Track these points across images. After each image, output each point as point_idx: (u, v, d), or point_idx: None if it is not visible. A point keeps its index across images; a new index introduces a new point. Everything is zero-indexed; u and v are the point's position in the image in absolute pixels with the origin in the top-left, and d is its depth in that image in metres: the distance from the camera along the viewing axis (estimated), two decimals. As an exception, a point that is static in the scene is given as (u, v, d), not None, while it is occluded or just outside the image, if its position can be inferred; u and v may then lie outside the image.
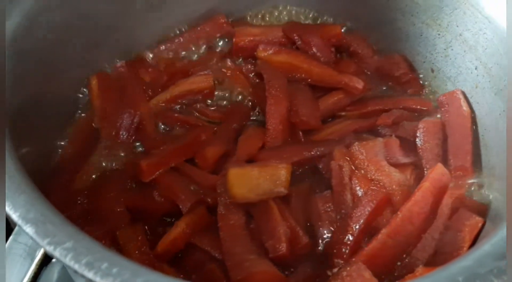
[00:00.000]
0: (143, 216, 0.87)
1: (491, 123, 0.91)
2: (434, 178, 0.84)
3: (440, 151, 0.95)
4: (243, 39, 1.13)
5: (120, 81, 1.07)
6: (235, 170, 0.85)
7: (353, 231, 0.83)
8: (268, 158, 0.94)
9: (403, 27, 1.08)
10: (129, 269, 0.53)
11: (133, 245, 0.78)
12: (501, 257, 0.55)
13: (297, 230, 0.84)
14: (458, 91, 0.98)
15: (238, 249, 0.79)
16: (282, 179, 0.88)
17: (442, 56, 1.03)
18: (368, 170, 0.89)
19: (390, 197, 0.86)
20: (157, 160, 0.88)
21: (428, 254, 0.81)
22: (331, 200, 0.90)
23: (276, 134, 0.99)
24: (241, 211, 0.85)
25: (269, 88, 1.01)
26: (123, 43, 1.11)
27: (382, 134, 1.00)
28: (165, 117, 1.03)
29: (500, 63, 0.87)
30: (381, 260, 0.80)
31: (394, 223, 0.81)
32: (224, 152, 0.95)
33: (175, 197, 0.85)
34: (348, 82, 1.04)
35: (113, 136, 0.98)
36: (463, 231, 0.81)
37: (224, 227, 0.82)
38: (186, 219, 0.83)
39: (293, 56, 1.09)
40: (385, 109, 1.03)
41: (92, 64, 1.06)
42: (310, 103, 1.04)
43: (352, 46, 1.16)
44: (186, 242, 0.83)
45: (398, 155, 0.93)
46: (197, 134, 0.96)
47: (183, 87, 1.06)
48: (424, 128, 0.96)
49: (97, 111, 1.01)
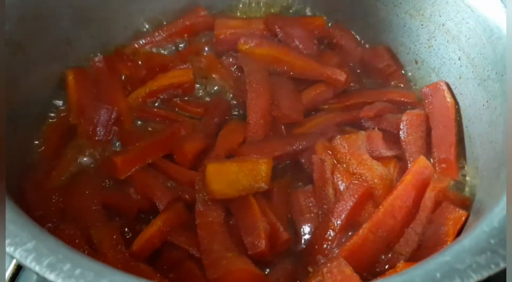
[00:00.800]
0: (119, 213, 0.85)
1: (474, 114, 0.89)
2: (416, 171, 0.82)
3: (424, 143, 0.93)
4: (224, 32, 1.11)
5: (98, 76, 1.04)
6: (213, 166, 0.83)
7: (334, 226, 0.82)
8: (249, 153, 0.92)
9: (386, 17, 1.06)
10: (93, 270, 0.50)
11: (107, 243, 0.76)
12: (480, 252, 0.53)
13: (277, 226, 0.82)
14: (442, 83, 0.96)
15: (215, 246, 0.77)
16: (262, 174, 0.86)
17: (425, 47, 1.01)
18: (350, 163, 0.87)
19: (372, 191, 0.84)
20: (132, 156, 0.86)
21: (411, 248, 0.80)
22: (313, 194, 0.88)
23: (257, 128, 0.96)
24: (220, 208, 0.83)
25: (250, 82, 0.99)
26: (101, 37, 1.08)
27: (365, 127, 0.98)
28: (143, 112, 1.00)
29: (483, 53, 0.85)
30: (363, 255, 0.78)
31: (375, 218, 0.79)
32: (204, 147, 0.93)
33: (152, 194, 0.83)
34: (330, 74, 1.02)
35: (90, 133, 0.95)
36: (446, 225, 0.80)
37: (202, 224, 0.80)
38: (163, 216, 0.81)
39: (275, 49, 1.06)
40: (368, 102, 1.01)
41: (69, 58, 1.04)
42: (292, 96, 1.02)
43: (336, 38, 1.14)
44: (163, 240, 0.80)
45: (381, 148, 0.92)
46: (175, 129, 0.94)
47: (163, 82, 1.03)
48: (407, 121, 0.95)
49: (74, 107, 0.98)
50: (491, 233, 0.55)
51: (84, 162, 0.93)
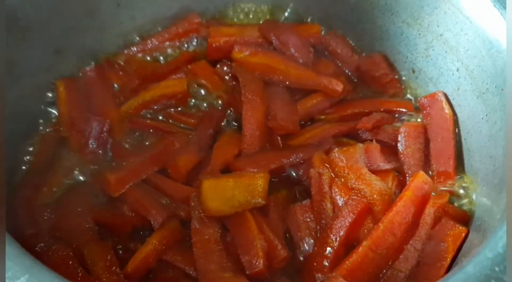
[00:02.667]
0: (113, 231, 0.83)
1: (473, 127, 0.88)
2: (416, 187, 0.81)
3: (422, 156, 0.92)
4: (218, 40, 1.08)
5: (89, 86, 1.02)
6: (209, 182, 0.81)
7: (333, 243, 0.80)
8: (245, 166, 0.90)
9: (383, 25, 1.05)
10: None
11: (101, 265, 0.74)
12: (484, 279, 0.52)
13: (275, 243, 0.80)
14: (440, 93, 0.95)
15: (212, 266, 0.75)
16: (259, 189, 0.84)
17: (423, 56, 1.00)
18: (348, 178, 0.86)
19: (371, 207, 0.82)
20: (125, 174, 0.84)
21: (411, 265, 0.79)
22: (311, 209, 0.87)
23: (253, 140, 0.95)
24: (216, 225, 0.81)
25: (245, 93, 0.97)
26: (91, 46, 1.06)
27: (362, 139, 0.97)
28: (136, 124, 0.98)
29: (482, 66, 0.84)
30: (362, 273, 0.77)
31: (375, 235, 0.78)
32: (198, 161, 0.91)
33: (146, 212, 0.81)
34: (327, 84, 1.00)
35: (82, 146, 0.93)
36: (446, 241, 0.79)
37: (198, 243, 0.78)
38: (158, 235, 0.79)
39: (270, 58, 1.04)
40: (366, 112, 1.00)
41: (59, 68, 1.01)
42: (288, 107, 1.00)
43: (331, 46, 1.12)
44: (158, 259, 0.79)
45: (379, 161, 0.90)
46: (169, 142, 0.92)
47: (156, 92, 1.01)
48: (405, 133, 0.93)
49: (64, 119, 0.96)
50: (495, 260, 0.54)
51: (76, 177, 0.90)
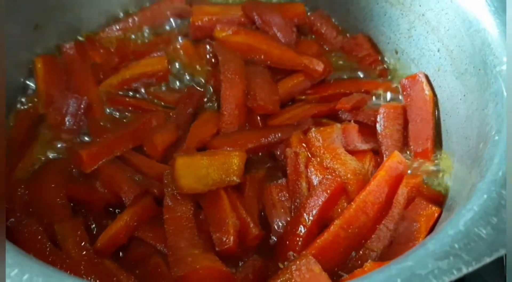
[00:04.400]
0: (86, 208, 0.83)
1: (452, 108, 0.87)
2: (390, 167, 0.80)
3: (400, 137, 0.92)
4: (200, 19, 1.07)
5: (68, 64, 1.01)
6: (183, 159, 0.81)
7: (306, 222, 0.80)
8: (222, 145, 0.90)
9: (367, 6, 1.04)
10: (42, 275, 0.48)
11: (71, 240, 0.74)
12: (443, 256, 0.52)
13: (247, 221, 0.80)
14: (421, 74, 0.94)
15: (182, 243, 0.75)
16: (234, 168, 0.83)
17: (405, 37, 0.99)
18: (324, 157, 0.85)
19: (345, 186, 0.82)
20: (98, 149, 0.83)
21: (383, 245, 0.79)
22: (286, 188, 0.86)
23: (232, 119, 0.94)
24: (189, 202, 0.81)
25: (224, 71, 0.96)
26: (72, 23, 1.05)
27: (342, 119, 0.96)
28: (115, 102, 0.97)
29: (461, 46, 0.83)
30: (333, 252, 0.77)
31: (347, 214, 0.77)
32: (175, 139, 0.91)
33: (118, 188, 0.80)
34: (308, 64, 0.99)
35: (59, 123, 0.93)
36: (419, 221, 0.78)
37: (170, 220, 0.78)
38: (130, 211, 0.79)
39: (252, 37, 1.03)
40: (346, 93, 0.99)
41: (38, 45, 1.00)
42: (268, 86, 0.99)
43: (316, 26, 1.11)
44: (129, 236, 0.79)
45: (356, 142, 0.90)
46: (146, 120, 0.91)
47: (136, 70, 1.00)
48: (384, 113, 0.93)
49: (42, 96, 0.95)
50: (455, 237, 0.54)
51: (52, 153, 0.90)
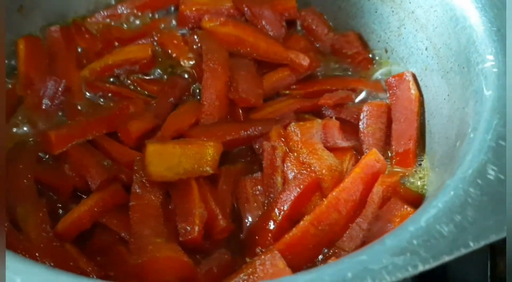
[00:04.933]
0: (54, 191, 0.81)
1: (436, 108, 0.84)
2: (366, 164, 0.77)
3: (382, 136, 0.89)
4: (189, 8, 1.06)
5: (52, 47, 1.00)
6: (154, 146, 0.79)
7: (276, 217, 0.78)
8: (199, 135, 0.87)
9: (358, 2, 1.01)
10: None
11: (32, 222, 0.72)
12: (399, 252, 0.49)
13: (216, 213, 0.77)
14: (408, 73, 0.91)
15: (146, 231, 0.73)
16: (208, 158, 0.81)
17: (395, 35, 0.96)
18: (301, 152, 0.83)
19: (320, 182, 0.79)
20: (68, 131, 0.81)
21: (355, 244, 0.75)
22: (261, 182, 0.84)
23: (212, 110, 0.92)
24: (157, 190, 0.79)
25: (207, 61, 0.94)
26: (59, 7, 1.04)
27: (325, 116, 0.93)
28: (95, 87, 0.96)
29: (448, 44, 0.80)
30: (302, 249, 0.74)
31: (318, 210, 0.75)
32: (152, 128, 0.88)
33: (85, 172, 0.78)
34: (293, 58, 0.97)
35: (36, 105, 0.91)
36: (393, 222, 0.75)
37: (136, 207, 0.76)
38: (95, 196, 0.77)
39: (240, 29, 1.01)
40: (333, 90, 0.96)
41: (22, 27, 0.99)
42: (252, 79, 0.97)
43: (307, 21, 1.09)
44: (93, 221, 0.76)
45: (337, 138, 0.87)
46: (123, 106, 0.89)
47: (119, 57, 0.99)
48: (368, 111, 0.90)
49: (21, 78, 0.94)
50: (415, 233, 0.51)
51: (26, 135, 0.89)
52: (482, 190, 0.54)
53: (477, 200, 0.54)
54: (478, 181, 0.55)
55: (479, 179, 0.55)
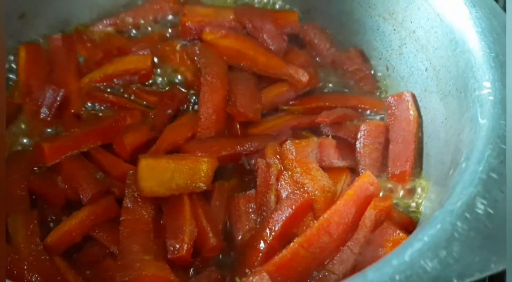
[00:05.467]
0: (46, 203, 0.81)
1: (434, 131, 0.83)
2: (359, 187, 0.77)
3: (379, 156, 0.88)
4: (191, 19, 1.05)
5: (53, 55, 1.00)
6: (146, 161, 0.79)
7: (267, 237, 0.77)
8: (194, 150, 0.87)
9: (361, 19, 1.01)
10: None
11: (22, 233, 0.72)
12: None
13: (207, 231, 0.77)
14: (408, 94, 0.90)
15: (135, 247, 0.73)
16: (201, 174, 0.81)
17: (397, 54, 0.95)
18: (295, 171, 0.82)
19: (312, 203, 0.79)
20: (62, 143, 0.81)
21: (346, 268, 0.75)
22: (255, 200, 0.83)
23: (208, 124, 0.91)
24: (149, 206, 0.78)
25: (205, 74, 0.94)
26: (61, 15, 1.05)
27: (323, 133, 0.93)
28: (94, 97, 0.96)
29: (447, 66, 0.79)
30: (292, 271, 0.73)
31: (309, 232, 0.74)
32: (147, 140, 0.88)
33: (77, 184, 0.78)
34: (293, 74, 0.97)
35: (34, 113, 0.91)
36: (385, 247, 0.74)
37: (126, 222, 0.76)
38: (87, 210, 0.77)
39: (240, 42, 1.01)
40: (332, 107, 0.95)
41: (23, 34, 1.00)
42: (251, 94, 0.96)
43: (309, 36, 1.08)
44: (84, 235, 0.76)
45: (332, 158, 0.86)
46: (120, 118, 0.89)
47: (118, 67, 0.99)
48: (365, 131, 0.89)
49: (21, 85, 0.94)
50: (398, 268, 0.50)
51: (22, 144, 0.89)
52: (470, 225, 0.53)
53: (464, 235, 0.53)
54: (466, 215, 0.54)
55: (468, 212, 0.55)
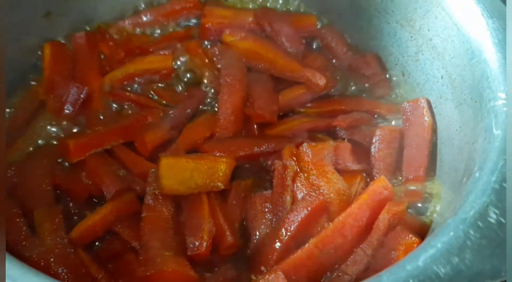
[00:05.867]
0: (70, 197, 0.84)
1: (448, 137, 0.85)
2: (374, 191, 0.79)
3: (393, 161, 0.90)
4: (212, 21, 1.08)
5: (77, 53, 1.03)
6: (167, 160, 0.81)
7: (283, 236, 0.79)
8: (213, 150, 0.90)
9: (378, 25, 1.02)
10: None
11: (47, 227, 0.75)
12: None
13: (224, 229, 0.80)
14: (423, 100, 0.92)
15: (156, 243, 0.75)
16: (220, 174, 0.84)
17: (413, 60, 0.97)
18: (311, 173, 0.84)
19: (327, 205, 0.81)
20: (86, 141, 0.84)
21: (359, 269, 0.77)
22: (271, 200, 0.86)
23: (227, 125, 0.94)
24: (169, 203, 0.81)
25: (225, 76, 0.96)
26: (85, 13, 1.07)
27: (339, 137, 0.95)
28: (116, 95, 0.98)
29: (463, 75, 0.81)
30: (306, 270, 0.75)
31: (324, 234, 0.76)
32: (167, 138, 0.91)
33: (100, 181, 0.81)
34: (310, 77, 0.99)
35: (58, 110, 0.94)
36: (398, 250, 0.76)
37: (147, 218, 0.79)
38: (109, 205, 0.79)
39: (259, 44, 1.03)
40: (347, 111, 0.97)
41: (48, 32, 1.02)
42: (268, 95, 0.98)
43: (326, 39, 1.10)
44: (106, 230, 0.79)
45: (347, 161, 0.89)
46: (141, 116, 0.92)
47: (140, 66, 1.01)
48: (380, 136, 0.91)
49: (45, 82, 0.97)
50: (412, 273, 0.53)
51: (47, 140, 0.92)
52: (482, 233, 0.55)
53: (476, 243, 0.55)
54: (479, 223, 0.56)
55: (480, 221, 0.57)
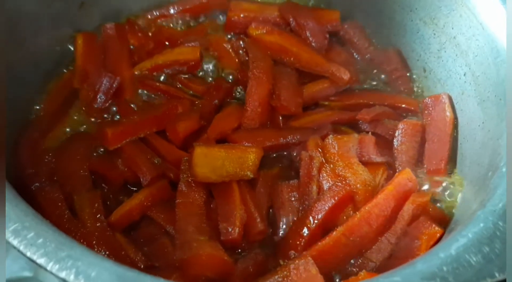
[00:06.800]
0: (106, 182, 0.87)
1: (469, 133, 0.88)
2: (399, 182, 0.82)
3: (415, 154, 0.93)
4: (237, 14, 1.11)
5: (107, 43, 1.06)
6: (201, 149, 0.84)
7: (310, 224, 0.83)
8: (241, 140, 0.93)
9: (401, 21, 1.05)
10: (54, 241, 0.53)
11: (88, 211, 0.79)
12: (430, 277, 0.54)
13: (254, 216, 0.83)
14: (445, 96, 0.95)
15: (190, 228, 0.79)
16: (249, 163, 0.87)
17: (435, 57, 1.00)
18: (337, 164, 0.88)
19: (353, 195, 0.84)
20: (123, 129, 0.88)
21: (383, 257, 0.81)
22: (297, 189, 0.89)
23: (254, 116, 0.97)
24: (202, 190, 0.85)
25: (253, 69, 0.99)
26: (115, 5, 1.10)
27: (362, 129, 0.98)
28: (146, 85, 1.01)
29: (487, 73, 0.84)
30: (333, 257, 0.79)
31: (351, 222, 0.80)
32: (198, 128, 0.94)
33: (137, 168, 0.85)
34: (334, 71, 1.02)
35: (91, 99, 0.97)
36: (420, 239, 0.80)
37: (181, 204, 0.82)
38: (145, 191, 0.83)
39: (284, 38, 1.06)
40: (369, 104, 1.01)
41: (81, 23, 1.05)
42: (294, 88, 1.02)
43: (349, 34, 1.13)
44: (142, 214, 0.83)
45: (371, 153, 0.92)
46: (172, 106, 0.95)
47: (168, 57, 1.04)
48: (403, 129, 0.94)
49: (78, 71, 1.00)
50: (445, 260, 0.56)
51: (81, 127, 0.95)
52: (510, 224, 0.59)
53: (505, 233, 0.58)
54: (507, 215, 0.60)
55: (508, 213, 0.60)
